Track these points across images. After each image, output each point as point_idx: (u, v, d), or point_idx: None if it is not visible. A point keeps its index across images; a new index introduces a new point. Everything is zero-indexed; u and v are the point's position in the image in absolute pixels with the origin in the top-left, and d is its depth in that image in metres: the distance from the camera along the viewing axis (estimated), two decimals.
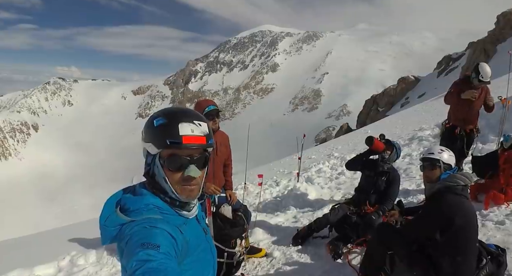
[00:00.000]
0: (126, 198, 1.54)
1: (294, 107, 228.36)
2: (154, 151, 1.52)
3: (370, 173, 5.29)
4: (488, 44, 39.07)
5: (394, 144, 5.26)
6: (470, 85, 5.87)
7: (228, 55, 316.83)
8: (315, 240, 5.23)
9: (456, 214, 2.98)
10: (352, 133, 28.19)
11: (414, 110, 27.09)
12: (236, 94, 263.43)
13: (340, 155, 13.41)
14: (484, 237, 4.15)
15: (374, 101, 53.71)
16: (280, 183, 10.01)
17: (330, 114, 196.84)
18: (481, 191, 5.34)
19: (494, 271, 3.18)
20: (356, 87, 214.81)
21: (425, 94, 44.29)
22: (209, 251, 1.71)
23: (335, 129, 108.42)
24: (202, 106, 4.19)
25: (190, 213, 1.62)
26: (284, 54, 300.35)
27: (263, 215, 6.92)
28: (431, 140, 11.04)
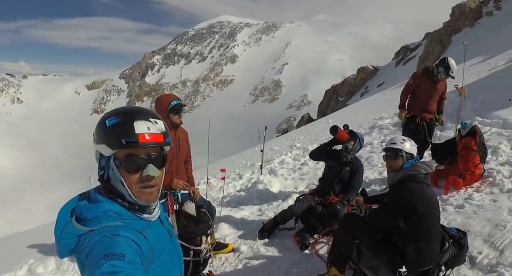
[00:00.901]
0: (82, 206, 1.42)
1: (254, 98, 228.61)
2: (108, 152, 1.42)
3: (334, 164, 5.32)
4: (444, 34, 40.49)
5: (357, 135, 5.33)
6: (432, 78, 6.04)
7: (186, 47, 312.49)
8: (281, 232, 5.22)
9: (419, 202, 3.04)
10: (314, 123, 28.53)
11: (374, 99, 27.74)
12: (195, 86, 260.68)
13: (302, 146, 13.52)
14: (445, 221, 4.28)
15: (334, 91, 54.54)
16: (243, 176, 9.97)
17: (291, 105, 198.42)
18: (440, 177, 5.52)
19: (456, 254, 3.28)
20: (316, 77, 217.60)
21: (384, 84, 45.43)
22: (175, 253, 1.63)
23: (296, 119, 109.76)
24: (167, 100, 4.03)
25: (152, 215, 1.52)
26: (243, 45, 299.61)
27: (227, 210, 6.85)
28: (391, 128, 11.33)
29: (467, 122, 5.82)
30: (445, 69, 5.93)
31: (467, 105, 9.34)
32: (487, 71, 15.13)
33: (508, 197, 4.61)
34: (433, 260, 3.10)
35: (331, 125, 5.36)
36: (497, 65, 15.73)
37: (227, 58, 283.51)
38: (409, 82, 6.26)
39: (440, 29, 42.82)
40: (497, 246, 3.59)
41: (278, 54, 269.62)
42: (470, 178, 5.23)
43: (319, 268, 3.91)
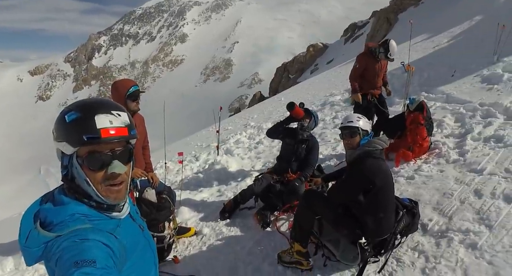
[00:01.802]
0: (46, 210, 1.32)
1: (205, 77, 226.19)
2: (70, 150, 1.32)
3: (290, 142, 5.42)
4: (390, 13, 41.43)
5: (313, 113, 5.44)
6: (375, 58, 6.23)
7: (134, 27, 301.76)
8: (242, 212, 5.29)
9: (377, 176, 3.17)
10: (266, 101, 28.69)
11: (324, 76, 28.20)
12: (144, 67, 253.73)
13: (257, 124, 13.64)
14: (397, 191, 4.50)
15: (284, 68, 54.88)
16: (200, 157, 9.94)
17: (242, 83, 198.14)
18: (391, 150, 5.75)
19: (410, 222, 3.49)
20: (267, 55, 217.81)
21: (333, 60, 46.21)
22: (148, 247, 1.58)
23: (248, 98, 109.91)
24: (124, 86, 3.86)
25: (121, 213, 1.45)
26: (192, 24, 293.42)
27: (186, 193, 6.81)
28: (342, 105, 11.63)
29: (414, 98, 6.08)
30: (384, 51, 6.14)
31: (413, 81, 9.72)
32: (431, 49, 15.75)
33: (453, 167, 4.89)
34: (389, 229, 3.28)
35: (288, 102, 5.41)
36: (441, 42, 16.41)
37: (176, 37, 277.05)
38: (355, 66, 6.39)
39: (387, 8, 43.81)
40: (446, 213, 3.83)
41: (228, 33, 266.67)
42: (419, 150, 5.51)
43: (282, 245, 4.01)
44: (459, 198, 4.03)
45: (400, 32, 30.76)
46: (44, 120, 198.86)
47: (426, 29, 23.16)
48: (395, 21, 39.90)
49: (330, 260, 3.51)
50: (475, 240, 3.29)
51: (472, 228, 3.45)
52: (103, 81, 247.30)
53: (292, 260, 3.54)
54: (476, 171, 4.55)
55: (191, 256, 4.44)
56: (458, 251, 3.22)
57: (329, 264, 3.51)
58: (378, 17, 43.44)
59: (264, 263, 3.82)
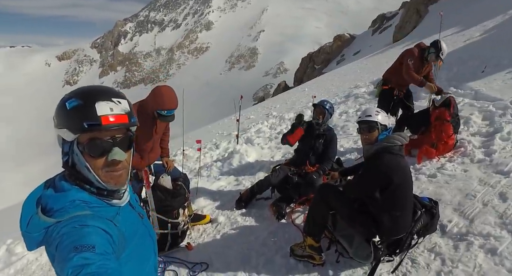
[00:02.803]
0: (47, 196, 1.34)
1: (230, 66, 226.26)
2: (71, 137, 1.33)
3: (307, 137, 5.34)
4: (421, 4, 40.14)
5: (325, 106, 5.25)
6: (422, 58, 5.91)
7: (159, 14, 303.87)
8: (258, 202, 5.28)
9: (394, 173, 3.06)
10: (290, 91, 28.50)
11: (350, 67, 27.75)
12: (169, 54, 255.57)
13: (279, 114, 13.54)
14: (418, 190, 4.38)
15: (310, 58, 54.17)
16: (220, 145, 9.97)
17: (267, 72, 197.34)
18: (414, 147, 5.56)
19: (428, 222, 3.35)
20: (293, 44, 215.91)
21: (360, 52, 45.31)
22: (147, 235, 1.60)
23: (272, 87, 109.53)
24: (163, 104, 3.87)
25: (121, 200, 1.47)
26: (218, 11, 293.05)
27: (204, 180, 6.86)
28: (366, 97, 11.40)
29: (441, 93, 5.85)
30: (436, 51, 5.80)
31: (441, 76, 9.41)
32: (462, 42, 15.21)
33: (478, 167, 4.68)
34: (406, 228, 3.17)
35: (297, 115, 5.40)
36: (472, 36, 15.81)
37: (202, 25, 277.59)
38: (411, 61, 5.88)
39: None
40: (467, 215, 3.67)
41: (254, 21, 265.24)
42: (443, 148, 5.30)
43: (296, 237, 3.97)
44: (482, 200, 3.86)
45: (429, 24, 29.86)
46: None
47: (457, 22, 22.42)
48: (425, 13, 38.69)
49: (343, 257, 3.45)
50: (495, 245, 3.14)
51: (494, 232, 3.30)
52: (128, 67, 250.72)
53: (304, 253, 3.50)
54: (502, 173, 4.34)
55: (204, 243, 4.46)
56: (477, 256, 3.09)
57: (341, 260, 3.45)
58: (407, 8, 42.18)
59: (277, 255, 3.79)
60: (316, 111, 5.30)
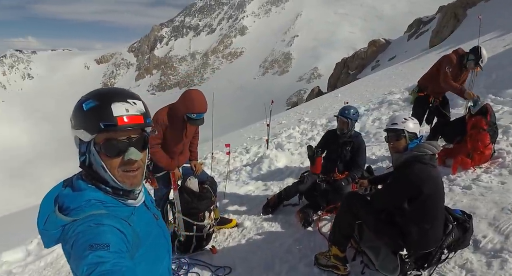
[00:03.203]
0: (64, 195, 1.37)
1: (264, 70, 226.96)
2: (88, 137, 1.36)
3: (334, 145, 5.23)
4: (459, 8, 38.96)
5: (347, 116, 5.03)
6: (461, 65, 5.65)
7: (194, 19, 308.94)
8: (285, 208, 5.23)
9: (425, 183, 2.94)
10: (323, 97, 28.30)
11: (384, 73, 27.28)
12: (204, 59, 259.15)
13: (311, 120, 13.43)
14: (451, 201, 4.20)
15: (344, 64, 53.53)
16: (250, 150, 9.97)
17: (301, 77, 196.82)
18: (449, 156, 5.34)
19: (460, 237, 3.18)
20: (327, 49, 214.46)
21: (395, 57, 44.44)
22: (162, 236, 1.62)
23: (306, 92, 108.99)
24: (193, 107, 3.94)
25: (136, 201, 1.49)
26: (252, 16, 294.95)
27: (233, 184, 6.88)
28: (400, 104, 11.12)
29: (477, 101, 5.58)
30: (475, 58, 5.51)
31: (479, 82, 9.04)
32: (502, 48, 14.65)
33: None
34: (436, 242, 3.03)
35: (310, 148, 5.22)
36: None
37: (236, 30, 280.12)
38: (449, 69, 5.64)
39: (455, 2, 41.25)
40: (502, 230, 3.46)
41: (288, 26, 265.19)
42: (479, 158, 5.04)
43: (321, 246, 3.90)
44: None
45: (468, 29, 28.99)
46: None
47: (497, 26, 21.63)
48: (463, 17, 37.50)
49: (368, 268, 3.34)
50: None
51: None
52: (164, 71, 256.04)
53: (328, 263, 3.42)
54: None
55: (229, 247, 4.46)
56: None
57: (367, 272, 3.34)
58: (445, 12, 41.03)
59: (301, 263, 3.73)
60: (338, 122, 5.14)
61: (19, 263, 5.03)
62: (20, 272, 4.77)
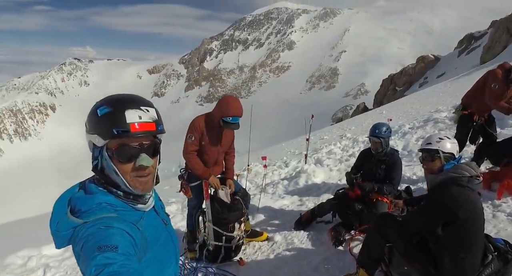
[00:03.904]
0: (77, 198, 1.42)
1: (311, 85, 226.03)
2: (101, 142, 1.40)
3: (369, 164, 5.09)
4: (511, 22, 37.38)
5: (379, 136, 4.84)
6: (507, 80, 5.25)
7: (244, 33, 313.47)
8: (318, 225, 5.13)
9: (461, 208, 2.75)
10: (368, 113, 27.86)
11: (432, 90, 26.48)
12: (251, 72, 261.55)
13: (353, 136, 13.22)
14: (494, 229, 3.92)
15: (391, 80, 52.43)
16: (290, 164, 9.95)
17: (348, 93, 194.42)
18: (495, 179, 4.99)
19: (500, 269, 2.92)
20: (374, 65, 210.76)
21: (444, 74, 43.05)
22: (170, 242, 1.64)
23: (352, 108, 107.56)
24: (228, 111, 4.02)
25: (146, 206, 1.52)
26: (300, 31, 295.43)
27: (268, 197, 6.86)
28: (447, 122, 10.67)
29: None
30: None
31: None
32: None
33: None
34: (472, 273, 2.81)
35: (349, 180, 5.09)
36: None
37: (284, 44, 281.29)
38: (495, 87, 5.32)
39: (508, 17, 39.34)
40: None
41: (336, 41, 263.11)
42: None
43: (351, 267, 3.75)
44: None
45: None
46: None
47: None
48: None
49: None
50: None
51: None
52: (212, 83, 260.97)
53: None
54: None
55: (257, 261, 4.43)
56: None
57: None
58: (497, 27, 39.27)
59: None
60: (371, 143, 5.00)
61: (57, 258, 5.20)
62: (56, 266, 4.93)
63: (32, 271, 4.81)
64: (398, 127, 12.01)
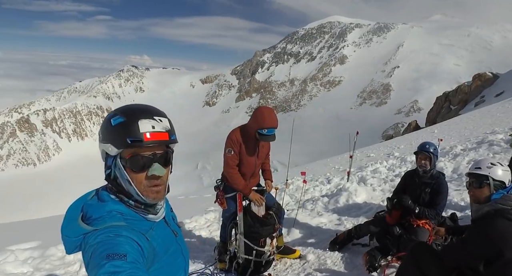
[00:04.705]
0: (89, 205, 1.45)
1: (361, 101, 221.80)
2: (114, 151, 1.42)
3: (413, 186, 4.78)
4: None
5: (429, 151, 4.59)
6: None
7: (296, 46, 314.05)
8: (354, 247, 4.95)
9: (507, 244, 2.48)
10: (418, 132, 26.89)
11: (489, 110, 25.19)
12: (302, 85, 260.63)
13: (401, 156, 12.77)
14: None
15: (446, 98, 50.32)
16: (332, 180, 9.79)
17: (400, 110, 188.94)
18: None
19: None
20: (428, 82, 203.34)
21: (503, 93, 40.82)
22: (179, 253, 1.63)
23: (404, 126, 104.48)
24: (263, 123, 3.96)
25: (157, 216, 1.53)
26: (353, 46, 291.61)
27: (306, 214, 6.73)
28: (503, 145, 10.06)
29: None
30: None
31: None
32: None
33: None
34: None
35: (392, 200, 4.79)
36: None
37: (336, 58, 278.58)
38: None
39: None
40: None
41: (389, 56, 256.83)
42: None
43: None
44: None
45: None
46: (208, 123, 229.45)
47: None
48: None
49: None
50: None
51: None
52: (263, 95, 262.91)
53: None
54: None
55: None
56: None
57: None
58: None
59: None
60: (420, 158, 4.66)
61: None
62: None
63: (69, 265, 4.97)
64: (449, 148, 11.46)
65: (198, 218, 7.17)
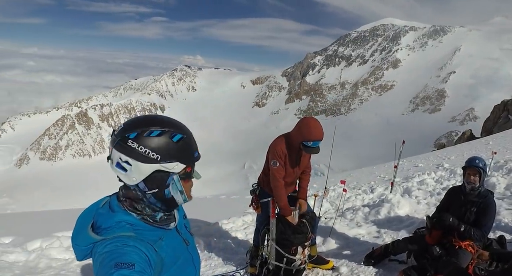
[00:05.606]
0: (100, 214, 1.48)
1: (414, 107, 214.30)
2: (180, 168, 1.46)
3: (455, 203, 4.48)
4: None
5: (478, 166, 4.25)
6: None
7: (348, 49, 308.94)
8: (390, 263, 4.75)
9: None
10: (472, 142, 25.58)
11: None
12: (353, 89, 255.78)
13: (450, 167, 12.12)
14: None
15: (504, 107, 47.57)
16: (375, 190, 9.53)
17: (454, 118, 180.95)
18: None
19: None
20: (487, 89, 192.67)
21: None
22: (190, 262, 1.65)
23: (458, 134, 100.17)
24: (309, 135, 3.86)
25: (172, 224, 1.59)
26: (407, 49, 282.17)
27: (344, 224, 6.58)
28: None
29: None
30: None
31: None
32: None
33: None
34: None
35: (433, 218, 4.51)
36: None
37: (388, 62, 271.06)
38: None
39: None
40: None
41: (445, 61, 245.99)
42: None
43: None
44: None
45: None
46: (256, 123, 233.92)
47: None
48: None
49: None
50: None
51: None
52: (313, 97, 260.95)
53: None
54: None
55: None
56: None
57: None
58: None
59: None
60: (468, 174, 4.32)
61: None
62: None
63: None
64: (503, 162, 10.72)
65: (236, 220, 7.20)
